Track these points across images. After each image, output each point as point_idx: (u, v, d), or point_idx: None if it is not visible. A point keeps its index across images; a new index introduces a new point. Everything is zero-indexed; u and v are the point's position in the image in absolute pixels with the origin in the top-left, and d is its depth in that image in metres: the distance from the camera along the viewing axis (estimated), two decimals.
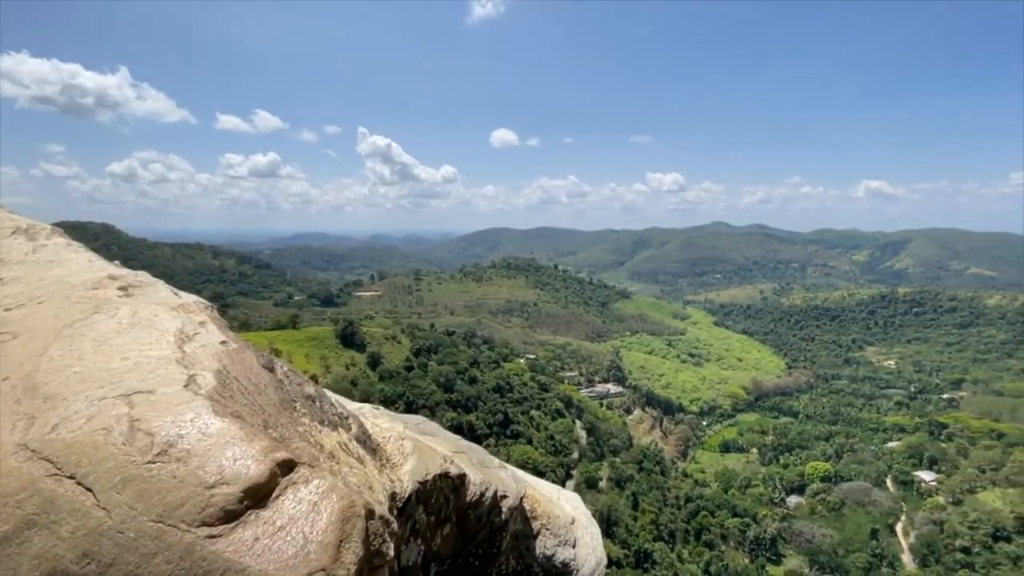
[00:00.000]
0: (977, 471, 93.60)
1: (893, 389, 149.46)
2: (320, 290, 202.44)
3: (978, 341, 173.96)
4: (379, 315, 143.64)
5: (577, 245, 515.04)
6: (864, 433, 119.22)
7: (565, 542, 5.06)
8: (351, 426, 3.28)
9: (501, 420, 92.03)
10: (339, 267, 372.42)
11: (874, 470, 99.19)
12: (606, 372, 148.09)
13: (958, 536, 74.82)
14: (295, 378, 3.21)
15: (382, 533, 2.51)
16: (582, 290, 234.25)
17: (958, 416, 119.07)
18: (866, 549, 77.46)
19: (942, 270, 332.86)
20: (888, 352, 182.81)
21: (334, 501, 2.29)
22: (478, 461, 4.74)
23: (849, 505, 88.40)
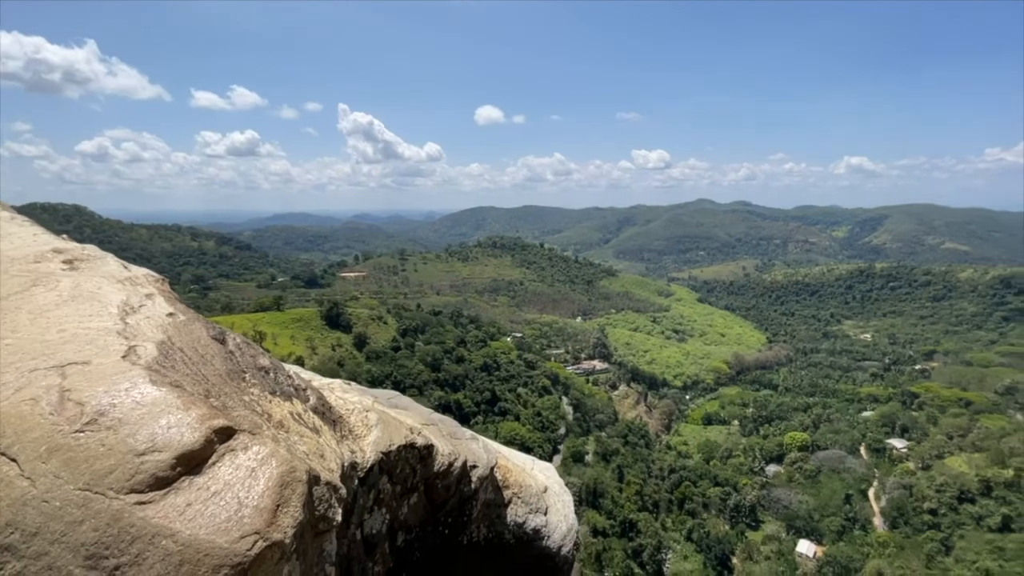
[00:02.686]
0: (945, 438, 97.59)
1: (868, 361, 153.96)
2: (304, 271, 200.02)
3: (950, 314, 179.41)
4: (364, 296, 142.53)
5: (563, 223, 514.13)
6: (840, 404, 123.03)
7: (536, 510, 5.14)
8: (308, 397, 3.24)
9: (489, 398, 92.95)
10: (322, 248, 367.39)
11: (849, 439, 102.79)
12: (592, 349, 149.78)
13: (926, 499, 78.36)
14: (248, 350, 3.14)
15: (328, 499, 2.51)
16: (568, 268, 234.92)
17: (929, 386, 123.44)
18: (840, 513, 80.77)
19: (918, 245, 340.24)
20: (865, 326, 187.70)
21: (273, 467, 2.31)
22: (448, 433, 4.75)
23: (825, 472, 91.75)
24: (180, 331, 2.84)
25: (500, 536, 4.90)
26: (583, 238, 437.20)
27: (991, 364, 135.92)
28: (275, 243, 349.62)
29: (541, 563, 5.17)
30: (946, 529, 72.72)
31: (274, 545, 2.13)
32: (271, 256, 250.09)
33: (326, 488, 2.53)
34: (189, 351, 2.70)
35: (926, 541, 71.09)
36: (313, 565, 2.50)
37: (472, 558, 4.72)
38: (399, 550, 3.83)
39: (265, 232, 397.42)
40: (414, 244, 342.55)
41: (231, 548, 2.01)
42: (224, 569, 1.96)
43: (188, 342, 2.77)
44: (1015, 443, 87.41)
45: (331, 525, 2.54)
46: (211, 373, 2.66)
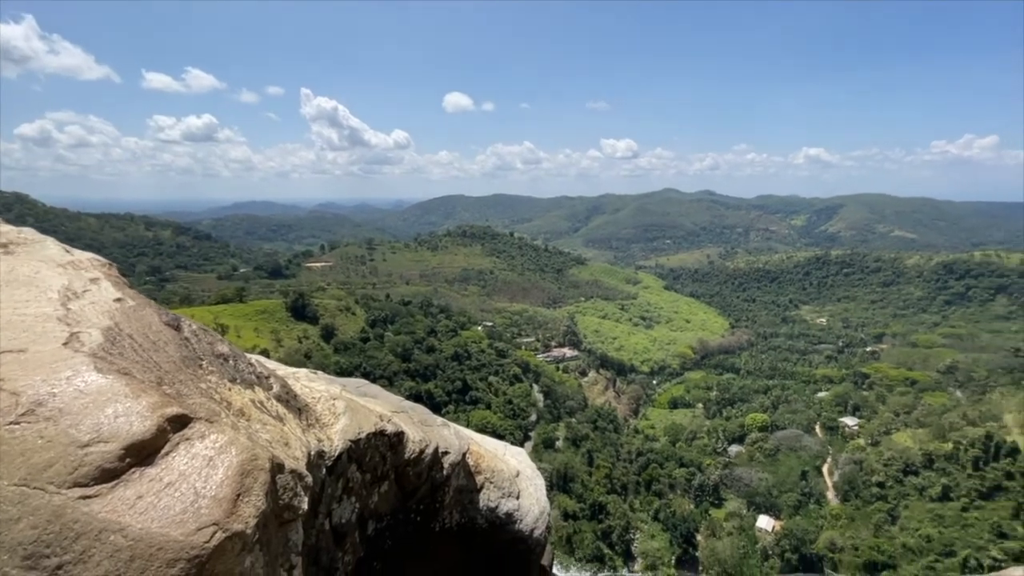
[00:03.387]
0: (893, 415, 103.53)
1: (824, 344, 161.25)
2: (267, 262, 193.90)
3: (898, 298, 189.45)
4: (331, 286, 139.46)
5: (532, 212, 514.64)
6: (798, 385, 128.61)
7: (509, 494, 5.16)
8: (271, 385, 3.12)
9: (460, 387, 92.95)
10: (287, 237, 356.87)
11: (805, 418, 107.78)
12: (562, 337, 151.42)
13: (874, 473, 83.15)
14: (205, 336, 2.99)
15: (293, 487, 2.43)
16: (538, 257, 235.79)
17: (879, 367, 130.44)
18: (796, 489, 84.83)
19: (870, 233, 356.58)
20: (821, 310, 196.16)
21: (232, 455, 2.20)
22: (419, 420, 4.69)
23: (783, 451, 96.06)
24: (129, 317, 2.66)
25: (473, 521, 4.89)
26: (553, 227, 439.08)
27: (934, 345, 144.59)
28: (236, 233, 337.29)
29: (514, 546, 5.20)
30: (892, 500, 77.39)
31: (235, 536, 2.03)
32: (232, 246, 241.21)
33: (291, 476, 2.44)
34: (139, 338, 2.54)
35: (874, 512, 75.54)
36: (278, 556, 2.40)
37: (445, 544, 4.70)
38: (370, 539, 3.77)
39: (225, 221, 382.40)
40: (382, 233, 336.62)
41: (187, 541, 1.92)
42: (180, 563, 1.87)
43: (138, 328, 2.61)
44: (954, 418, 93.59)
45: (296, 514, 2.46)
46: (164, 360, 2.51)
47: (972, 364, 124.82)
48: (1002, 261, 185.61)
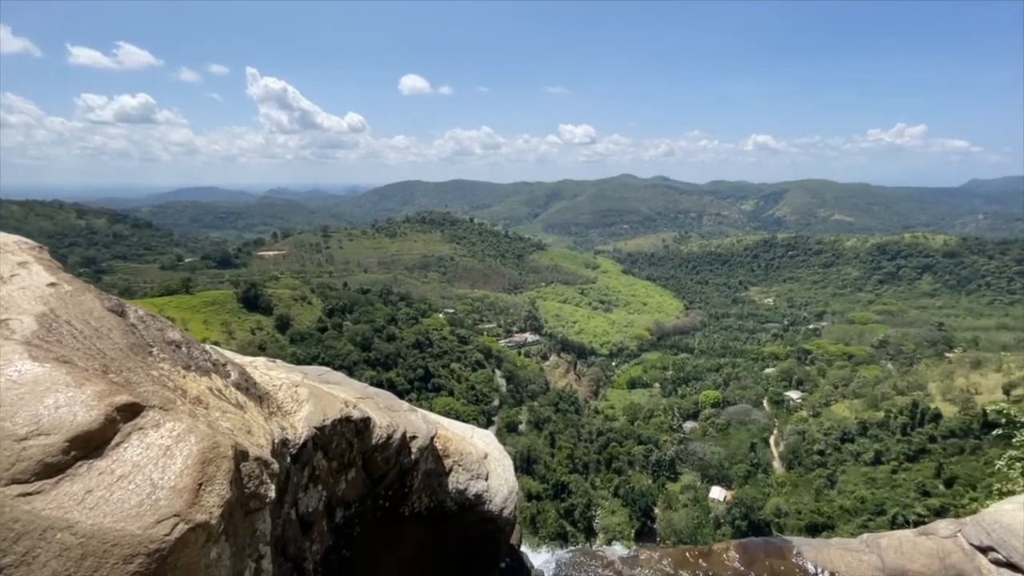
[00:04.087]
0: (832, 387, 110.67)
1: (771, 323, 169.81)
2: (215, 251, 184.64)
3: (837, 278, 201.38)
4: (285, 275, 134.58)
5: (492, 198, 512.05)
6: (747, 363, 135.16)
7: (478, 476, 5.17)
8: (229, 373, 2.97)
9: (422, 375, 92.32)
10: (235, 225, 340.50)
11: (754, 394, 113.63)
12: (523, 322, 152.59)
13: (815, 442, 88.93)
14: (154, 323, 2.81)
15: (259, 475, 2.35)
16: (498, 243, 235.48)
17: (820, 343, 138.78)
18: (746, 460, 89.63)
19: (812, 217, 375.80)
20: (768, 291, 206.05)
21: (192, 443, 2.10)
22: (386, 405, 4.61)
23: (734, 425, 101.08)
24: (66, 302, 2.45)
25: (442, 504, 4.89)
26: (512, 212, 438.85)
27: (869, 322, 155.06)
28: (180, 220, 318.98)
29: (484, 526, 5.24)
30: (831, 466, 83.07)
31: (198, 527, 1.95)
32: (176, 235, 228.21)
33: (256, 464, 2.35)
34: (79, 324, 2.34)
35: (815, 478, 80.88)
36: (245, 546, 2.31)
37: (414, 528, 4.68)
38: (338, 527, 3.69)
39: (167, 208, 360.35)
40: (338, 220, 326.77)
41: (146, 534, 1.84)
42: (139, 558, 1.77)
43: (77, 314, 2.40)
44: (886, 389, 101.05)
45: (263, 503, 2.37)
46: (109, 347, 2.33)
47: (901, 338, 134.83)
48: (928, 243, 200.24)
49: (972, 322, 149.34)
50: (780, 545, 9.45)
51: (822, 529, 69.25)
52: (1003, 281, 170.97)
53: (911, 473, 73.49)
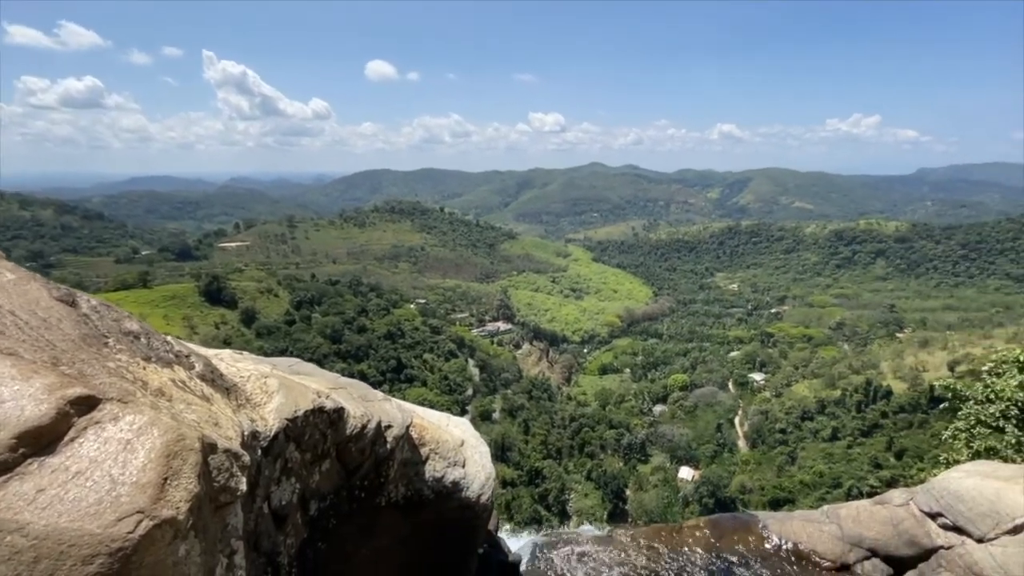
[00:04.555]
0: (793, 368, 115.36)
1: (735, 308, 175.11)
2: (173, 243, 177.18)
3: (798, 263, 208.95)
4: (250, 267, 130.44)
5: (463, 187, 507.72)
6: (713, 347, 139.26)
7: (455, 463, 5.16)
8: (194, 364, 2.84)
9: (394, 366, 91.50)
10: (195, 215, 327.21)
11: (720, 376, 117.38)
12: (496, 311, 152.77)
13: (777, 421, 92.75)
14: (109, 313, 2.65)
15: (229, 468, 2.25)
16: (469, 232, 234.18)
17: (781, 326, 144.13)
18: (713, 440, 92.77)
19: (775, 204, 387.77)
20: (733, 277, 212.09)
21: (155, 436, 2.00)
22: (359, 395, 4.52)
23: (701, 407, 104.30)
24: (8, 292, 2.28)
25: (419, 493, 4.85)
26: (483, 201, 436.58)
27: (827, 305, 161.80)
28: (135, 211, 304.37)
29: (462, 513, 5.24)
30: (792, 444, 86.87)
31: (165, 523, 1.85)
32: (130, 226, 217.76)
33: (225, 456, 2.25)
34: (24, 314, 2.18)
35: (777, 455, 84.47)
36: (216, 541, 2.22)
37: (391, 517, 4.63)
38: (313, 519, 3.62)
39: (120, 198, 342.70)
40: (304, 210, 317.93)
41: (106, 533, 1.72)
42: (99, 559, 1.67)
43: (22, 304, 2.24)
44: (842, 368, 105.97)
45: (234, 496, 2.28)
46: (59, 339, 2.18)
47: (856, 320, 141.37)
48: (881, 229, 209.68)
49: (921, 303, 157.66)
50: (747, 520, 9.85)
51: (784, 503, 72.44)
52: (948, 264, 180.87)
53: (865, 447, 77.51)
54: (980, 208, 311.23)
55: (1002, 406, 11.82)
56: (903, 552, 8.15)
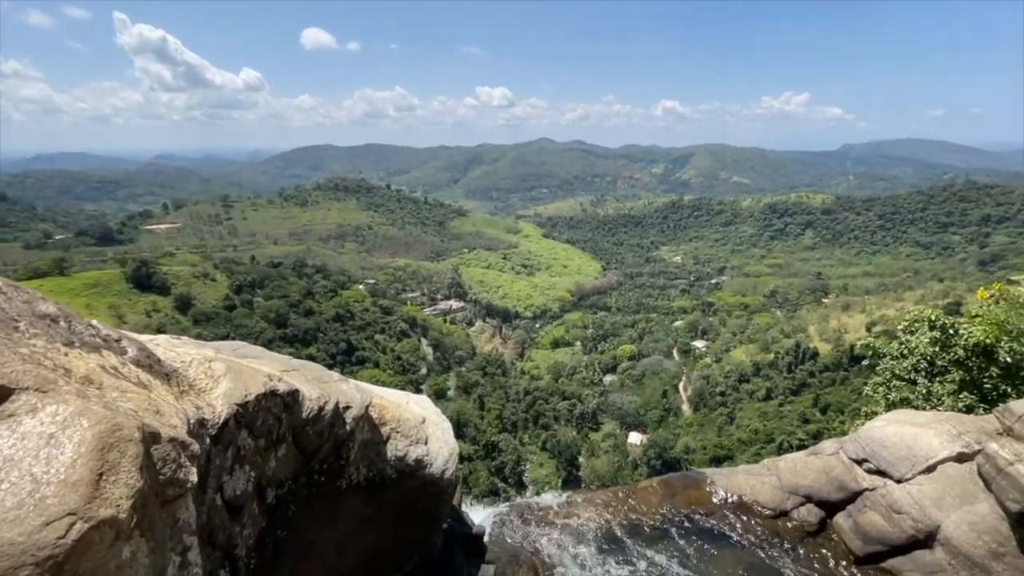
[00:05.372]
0: (731, 335, 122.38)
1: (679, 280, 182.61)
2: (93, 226, 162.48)
3: (735, 236, 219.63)
4: (182, 251, 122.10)
5: (409, 163, 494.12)
6: (659, 317, 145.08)
7: (417, 441, 5.08)
8: (126, 349, 2.57)
9: (345, 349, 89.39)
10: (115, 196, 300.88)
11: (665, 345, 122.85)
12: (447, 289, 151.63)
13: (718, 385, 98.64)
14: (18, 295, 2.33)
15: (176, 459, 2.06)
16: (418, 210, 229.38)
17: (721, 296, 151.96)
18: (659, 406, 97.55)
19: (715, 179, 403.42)
20: (676, 250, 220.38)
21: (84, 428, 1.75)
22: (314, 377, 4.32)
23: (648, 375, 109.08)
24: None
25: (382, 473, 4.75)
26: (431, 178, 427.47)
27: (761, 274, 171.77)
28: (45, 192, 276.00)
29: (426, 490, 5.19)
30: (731, 405, 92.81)
31: (103, 524, 1.62)
32: (40, 208, 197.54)
33: (170, 446, 2.04)
34: None
35: (718, 416, 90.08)
36: (166, 540, 2.02)
37: (354, 499, 4.51)
38: (271, 508, 3.44)
39: (26, 178, 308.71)
40: (239, 188, 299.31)
41: (31, 541, 1.51)
42: (25, 569, 1.49)
43: None
44: (775, 333, 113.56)
45: (184, 489, 2.09)
46: None
47: (788, 288, 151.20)
48: (809, 202, 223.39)
49: (843, 271, 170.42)
50: (696, 477, 10.43)
51: (724, 460, 77.55)
52: (867, 234, 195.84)
53: (794, 405, 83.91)
54: (895, 182, 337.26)
55: (914, 360, 13.03)
56: (834, 496, 8.92)
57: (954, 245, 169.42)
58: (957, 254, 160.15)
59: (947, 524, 7.49)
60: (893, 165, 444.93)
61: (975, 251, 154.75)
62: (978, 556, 7.11)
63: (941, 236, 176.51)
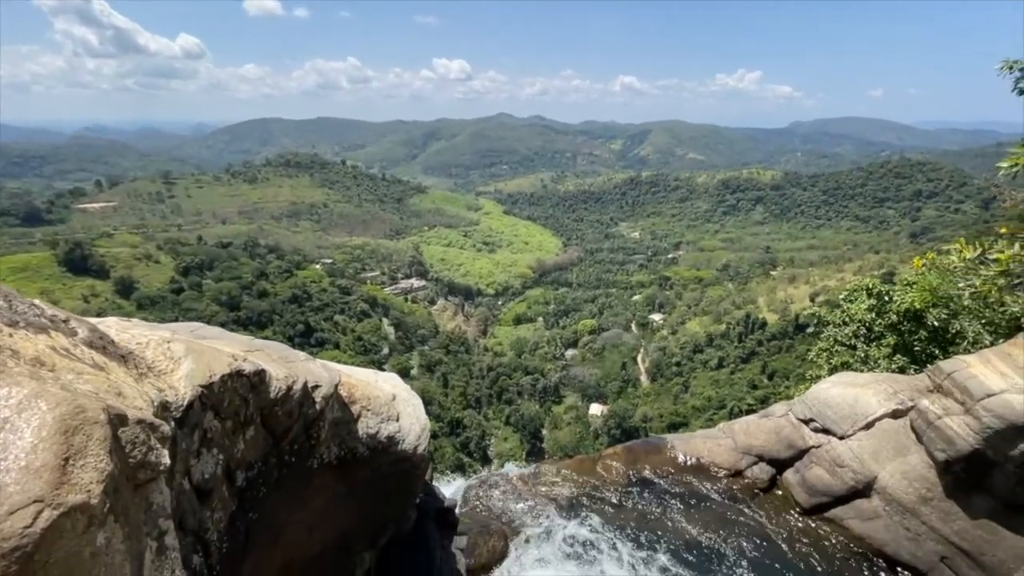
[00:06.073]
0: (686, 308, 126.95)
1: (637, 255, 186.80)
2: (16, 204, 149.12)
3: (691, 211, 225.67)
4: (121, 231, 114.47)
5: (365, 138, 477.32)
6: (618, 292, 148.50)
7: (388, 418, 5.04)
8: (75, 330, 2.40)
9: (303, 331, 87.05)
10: (40, 172, 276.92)
11: (624, 319, 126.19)
12: (408, 268, 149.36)
13: (673, 355, 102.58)
14: None
15: (146, 441, 1.99)
16: (375, 187, 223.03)
17: (677, 270, 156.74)
18: (619, 378, 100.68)
19: (671, 156, 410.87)
20: (635, 226, 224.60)
21: (43, 411, 1.65)
22: (279, 357, 4.18)
23: (608, 348, 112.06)
24: None
25: (354, 451, 4.70)
26: (388, 154, 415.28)
27: (715, 248, 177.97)
28: None
29: (399, 466, 5.19)
30: (686, 374, 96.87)
31: (74, 510, 1.53)
32: None
33: (139, 428, 1.96)
34: None
35: (673, 385, 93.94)
36: (140, 524, 1.94)
37: (325, 478, 4.46)
38: (241, 490, 3.35)
39: None
40: (182, 164, 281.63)
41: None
42: None
43: None
44: (727, 305, 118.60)
45: (156, 472, 2.01)
46: None
47: (739, 261, 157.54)
48: (760, 178, 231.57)
49: (790, 244, 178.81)
50: (657, 443, 10.91)
51: (679, 426, 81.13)
52: (812, 209, 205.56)
53: (744, 372, 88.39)
54: (838, 159, 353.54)
55: (854, 327, 13.95)
56: (784, 455, 9.55)
57: (889, 219, 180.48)
58: (891, 227, 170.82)
59: (883, 475, 8.17)
60: (837, 142, 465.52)
61: (907, 224, 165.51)
62: (909, 502, 7.82)
63: (878, 211, 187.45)
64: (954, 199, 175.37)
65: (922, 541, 7.65)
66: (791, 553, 8.09)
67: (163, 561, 2.09)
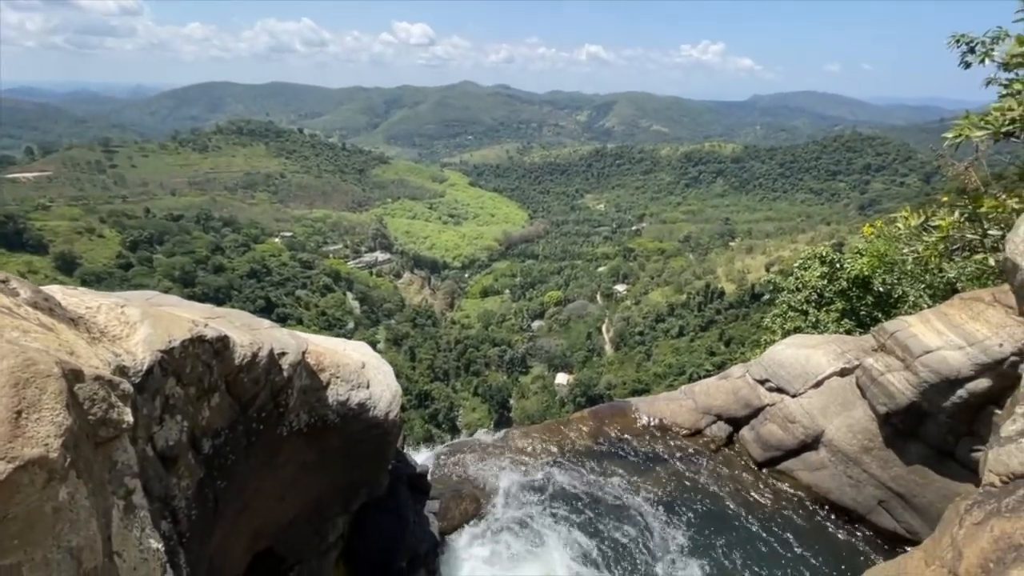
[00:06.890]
0: (649, 278, 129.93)
1: (602, 227, 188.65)
2: None
3: (654, 184, 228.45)
4: (58, 203, 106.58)
5: (322, 105, 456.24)
6: (583, 263, 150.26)
7: (358, 385, 5.00)
8: (16, 290, 2.23)
9: (263, 307, 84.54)
10: None
11: (589, 290, 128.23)
12: (372, 241, 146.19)
13: (637, 325, 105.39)
14: None
15: (106, 398, 1.91)
16: (335, 157, 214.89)
17: (640, 242, 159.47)
18: (584, 348, 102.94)
19: (636, 128, 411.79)
20: (600, 198, 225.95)
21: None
22: (243, 324, 4.05)
23: (573, 319, 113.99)
24: None
25: (324, 418, 4.65)
26: (348, 122, 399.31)
27: (677, 220, 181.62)
28: None
29: (371, 432, 5.18)
30: (648, 343, 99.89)
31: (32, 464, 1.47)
32: None
33: (97, 384, 1.87)
34: None
35: (636, 354, 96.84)
36: (105, 483, 1.88)
37: (295, 446, 4.41)
38: (208, 457, 3.27)
39: None
40: (122, 131, 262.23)
41: None
42: None
43: None
44: (688, 276, 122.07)
45: (119, 429, 1.94)
46: None
47: (700, 233, 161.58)
48: (721, 151, 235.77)
49: (749, 216, 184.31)
50: (622, 406, 11.30)
51: (642, 392, 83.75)
52: (770, 181, 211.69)
53: (703, 340, 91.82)
54: (795, 132, 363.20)
55: (807, 293, 14.66)
56: (740, 413, 10.08)
57: (840, 191, 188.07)
58: (842, 200, 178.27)
59: (830, 428, 8.76)
60: (794, 116, 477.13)
61: (856, 197, 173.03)
62: (852, 452, 8.43)
63: (830, 183, 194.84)
64: (899, 172, 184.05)
65: (862, 487, 8.30)
66: (745, 503, 8.64)
67: (132, 519, 2.02)
